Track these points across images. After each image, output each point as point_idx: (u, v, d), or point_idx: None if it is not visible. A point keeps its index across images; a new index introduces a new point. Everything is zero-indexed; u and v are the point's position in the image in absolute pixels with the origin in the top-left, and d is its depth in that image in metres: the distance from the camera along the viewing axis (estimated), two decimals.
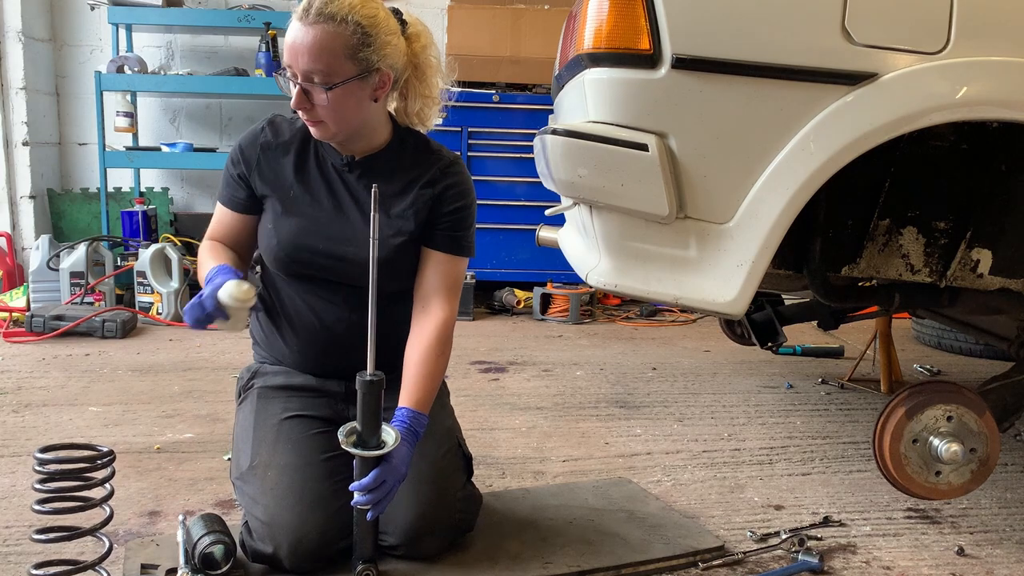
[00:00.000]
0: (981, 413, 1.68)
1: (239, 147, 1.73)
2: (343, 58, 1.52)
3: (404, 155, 1.72)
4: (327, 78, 1.52)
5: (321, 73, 1.52)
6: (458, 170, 1.73)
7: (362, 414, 1.48)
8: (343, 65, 1.53)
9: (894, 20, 1.56)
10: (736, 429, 2.59)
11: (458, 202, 1.70)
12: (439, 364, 1.65)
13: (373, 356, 1.48)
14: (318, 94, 1.54)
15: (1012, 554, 1.78)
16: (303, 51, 1.51)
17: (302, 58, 1.52)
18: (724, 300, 1.63)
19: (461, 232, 1.72)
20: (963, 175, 1.71)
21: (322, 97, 1.54)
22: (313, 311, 1.71)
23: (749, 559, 1.71)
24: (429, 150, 1.74)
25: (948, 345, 3.70)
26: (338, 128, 1.60)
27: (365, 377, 1.47)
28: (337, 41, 1.51)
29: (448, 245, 1.70)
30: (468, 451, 1.78)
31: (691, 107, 1.59)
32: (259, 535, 1.55)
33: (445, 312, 1.68)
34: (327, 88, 1.53)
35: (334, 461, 1.62)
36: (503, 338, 3.86)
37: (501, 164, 4.41)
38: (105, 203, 4.36)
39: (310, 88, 1.54)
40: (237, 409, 1.80)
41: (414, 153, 1.72)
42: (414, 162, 1.71)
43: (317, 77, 1.52)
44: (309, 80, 1.53)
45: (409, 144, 1.73)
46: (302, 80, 1.54)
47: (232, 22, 4.41)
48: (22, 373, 3.05)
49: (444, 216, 1.69)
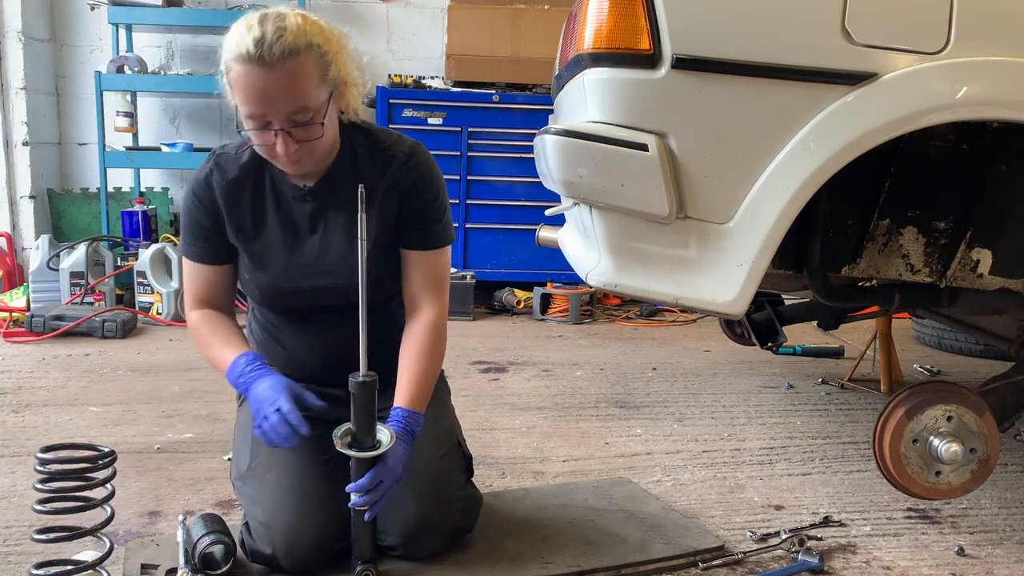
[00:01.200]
0: (981, 413, 1.68)
1: (195, 198, 1.63)
2: (316, 87, 1.45)
3: (358, 161, 1.63)
4: (310, 114, 1.45)
5: (304, 110, 1.44)
6: (418, 160, 1.64)
7: (356, 415, 1.48)
8: (319, 93, 1.46)
9: (894, 20, 1.56)
10: (736, 429, 2.59)
11: (426, 194, 1.64)
12: (432, 362, 1.63)
13: (365, 357, 1.47)
14: (310, 131, 1.46)
15: (1012, 554, 1.78)
16: (280, 95, 1.41)
17: (281, 102, 1.42)
18: (724, 300, 1.63)
19: (435, 224, 1.66)
20: (963, 175, 1.71)
21: (315, 132, 1.47)
22: (308, 335, 1.70)
23: (749, 559, 1.71)
24: (380, 147, 1.64)
25: (948, 345, 3.70)
26: (320, 156, 1.54)
27: (358, 378, 1.47)
28: (307, 73, 1.43)
29: (424, 241, 1.66)
30: (468, 451, 1.78)
31: (691, 107, 1.59)
32: (258, 536, 1.55)
33: (435, 309, 1.66)
34: (321, 121, 1.46)
35: (333, 462, 1.61)
36: (503, 338, 3.86)
37: (501, 164, 4.41)
38: (105, 203, 4.36)
39: (297, 129, 1.45)
40: (238, 410, 1.80)
41: (367, 155, 1.63)
42: (369, 165, 1.63)
43: (300, 116, 1.44)
44: (294, 123, 1.45)
45: (359, 145, 1.64)
46: (284, 124, 1.44)
47: (232, 22, 4.39)
48: (22, 373, 3.05)
49: (414, 213, 1.64)
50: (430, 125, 4.30)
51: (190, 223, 1.66)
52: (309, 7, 4.75)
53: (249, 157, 1.61)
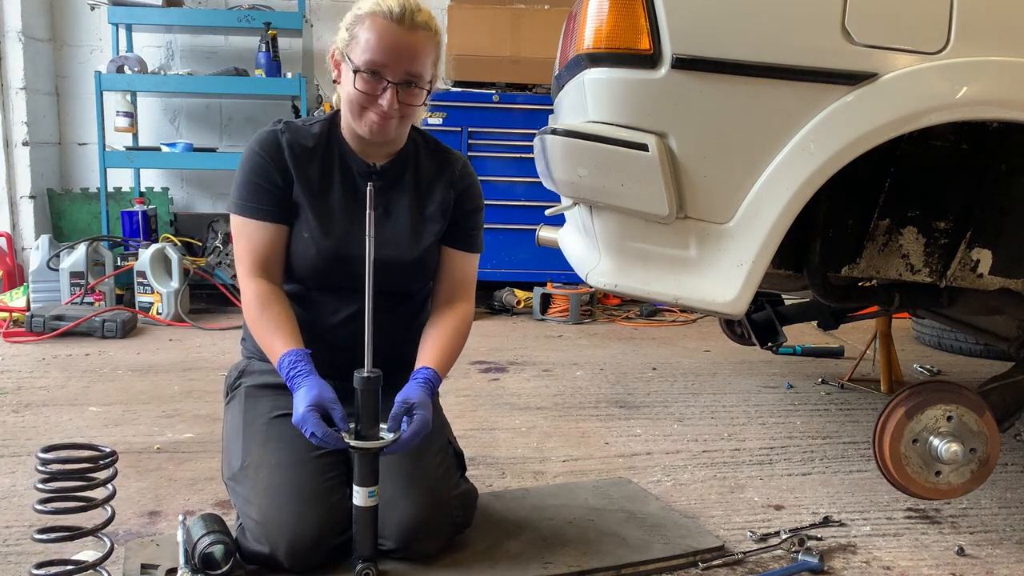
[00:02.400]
0: (981, 413, 1.68)
1: (263, 152, 1.67)
2: (431, 64, 1.63)
3: (420, 156, 1.78)
4: (424, 81, 1.62)
5: (419, 76, 1.61)
6: (471, 171, 1.83)
7: (360, 410, 1.49)
8: (430, 71, 1.64)
9: (894, 20, 1.56)
10: (736, 429, 2.59)
11: (476, 202, 1.81)
12: (457, 343, 1.72)
13: (371, 353, 1.50)
14: (415, 96, 1.62)
15: (1012, 554, 1.78)
16: (408, 54, 1.58)
17: (406, 60, 1.58)
18: (724, 300, 1.63)
19: (478, 231, 1.82)
20: (963, 175, 1.71)
21: (419, 98, 1.62)
22: (326, 318, 1.72)
23: (749, 559, 1.71)
24: (440, 149, 1.81)
25: (948, 345, 3.70)
26: (404, 126, 1.68)
27: (363, 374, 1.49)
28: (430, 48, 1.62)
29: (468, 243, 1.80)
30: (459, 448, 1.79)
31: (691, 107, 1.59)
32: (254, 535, 1.55)
33: (469, 305, 1.79)
34: (426, 91, 1.63)
35: (325, 458, 1.62)
36: (503, 338, 3.86)
37: (501, 164, 4.40)
38: (105, 203, 4.36)
39: (405, 90, 1.60)
40: (225, 409, 1.80)
41: (428, 154, 1.79)
42: (432, 162, 1.78)
43: (413, 79, 1.60)
44: (406, 83, 1.60)
45: (421, 145, 1.79)
46: (400, 80, 1.59)
47: (232, 22, 4.41)
48: (22, 373, 3.05)
49: (464, 216, 1.78)
50: (430, 125, 4.30)
51: (253, 178, 1.68)
52: (309, 7, 4.75)
53: (319, 130, 1.72)
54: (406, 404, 1.53)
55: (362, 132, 1.65)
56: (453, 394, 2.87)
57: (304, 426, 1.49)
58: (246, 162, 1.69)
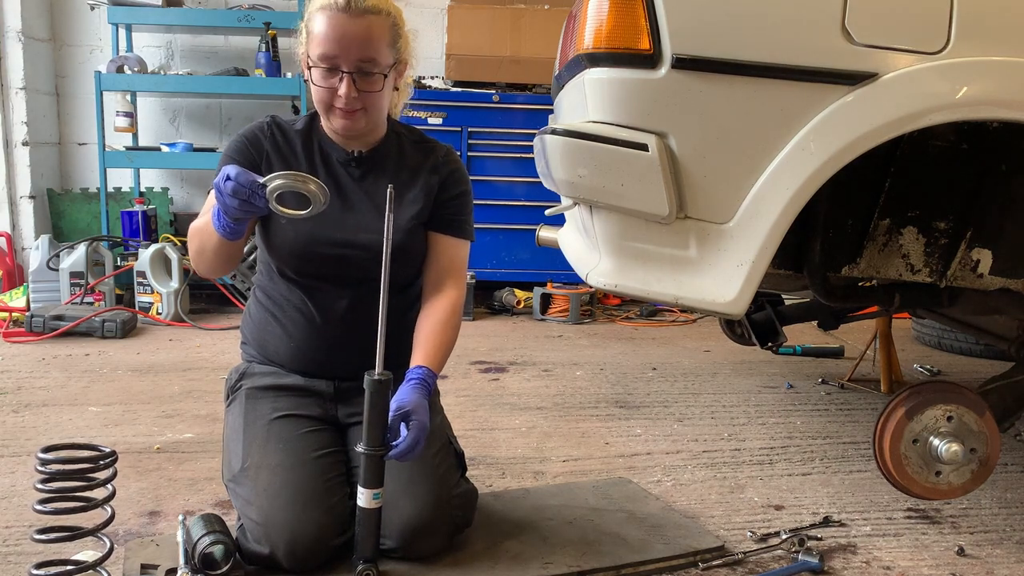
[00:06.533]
0: (981, 413, 1.68)
1: (245, 139, 1.73)
2: (386, 48, 1.63)
3: (403, 145, 1.79)
4: (376, 67, 1.61)
5: (372, 62, 1.61)
6: (455, 158, 1.83)
7: (369, 413, 1.49)
8: (386, 55, 1.63)
9: (894, 20, 1.55)
10: (736, 429, 2.59)
11: (461, 187, 1.80)
12: (450, 336, 1.71)
13: (382, 355, 1.50)
14: (372, 82, 1.62)
15: (1012, 554, 1.78)
16: (355, 41, 1.58)
17: (355, 48, 1.58)
18: (724, 300, 1.63)
19: (464, 216, 1.81)
20: (963, 175, 1.71)
21: (377, 84, 1.62)
22: (312, 310, 1.72)
23: (749, 559, 1.71)
24: (424, 139, 1.83)
25: (948, 345, 3.70)
26: (371, 117, 1.68)
27: (373, 376, 1.48)
28: (382, 31, 1.62)
29: (454, 229, 1.79)
30: (460, 448, 1.79)
31: (691, 107, 1.59)
32: (255, 536, 1.55)
33: (457, 291, 1.77)
34: (384, 75, 1.62)
35: (326, 459, 1.63)
36: (503, 338, 3.86)
37: (501, 164, 4.41)
38: (105, 203, 4.36)
39: (363, 77, 1.60)
40: (226, 411, 1.81)
41: (412, 143, 1.81)
42: (415, 151, 1.79)
43: (368, 66, 1.60)
44: (361, 70, 1.60)
45: (403, 135, 1.81)
46: (354, 69, 1.59)
47: (232, 22, 4.41)
48: (22, 373, 3.05)
49: (449, 201, 1.78)
50: (430, 125, 4.30)
51: (230, 154, 1.72)
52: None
53: (303, 126, 1.76)
54: (402, 410, 1.51)
55: (335, 129, 1.70)
56: (453, 394, 2.86)
57: (223, 177, 1.46)
58: (230, 147, 1.74)
